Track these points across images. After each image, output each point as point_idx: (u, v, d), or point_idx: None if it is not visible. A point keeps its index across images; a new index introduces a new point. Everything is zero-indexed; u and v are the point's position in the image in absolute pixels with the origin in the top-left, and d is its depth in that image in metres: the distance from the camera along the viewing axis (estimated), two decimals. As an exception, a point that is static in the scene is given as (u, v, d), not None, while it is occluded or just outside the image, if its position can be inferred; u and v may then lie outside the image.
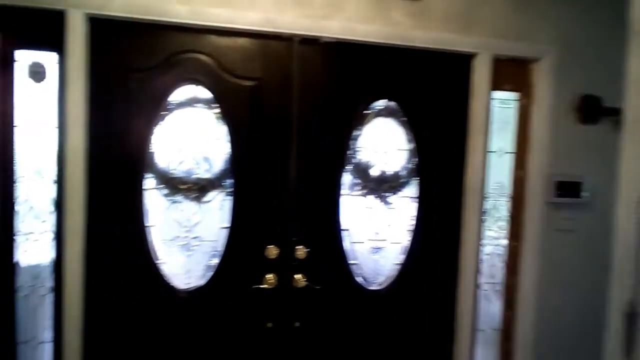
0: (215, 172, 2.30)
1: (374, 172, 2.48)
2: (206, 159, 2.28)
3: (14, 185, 2.10)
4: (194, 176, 2.27)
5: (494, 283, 2.67)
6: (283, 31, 2.26)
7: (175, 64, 2.21)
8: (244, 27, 2.21)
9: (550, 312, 2.65)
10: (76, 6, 2.05)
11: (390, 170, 2.50)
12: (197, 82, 2.24)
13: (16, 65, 2.09)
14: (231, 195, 2.31)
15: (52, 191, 2.13)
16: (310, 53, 2.33)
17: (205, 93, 2.26)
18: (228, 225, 2.31)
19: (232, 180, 2.30)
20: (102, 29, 2.13)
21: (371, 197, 2.49)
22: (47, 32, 2.07)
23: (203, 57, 2.24)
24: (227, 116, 2.28)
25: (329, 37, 2.31)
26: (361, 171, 2.47)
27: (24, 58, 2.10)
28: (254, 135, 2.30)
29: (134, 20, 2.13)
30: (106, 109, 2.15)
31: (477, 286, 2.59)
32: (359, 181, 2.47)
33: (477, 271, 2.59)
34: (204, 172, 2.28)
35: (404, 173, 2.51)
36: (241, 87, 2.28)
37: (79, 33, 2.06)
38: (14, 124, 2.09)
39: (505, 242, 2.66)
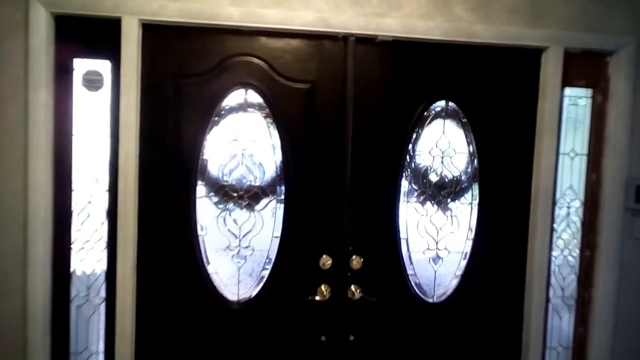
0: (267, 179, 2.22)
1: (433, 177, 2.34)
2: (258, 166, 2.21)
3: (71, 193, 2.10)
4: (246, 183, 2.20)
5: (565, 297, 2.47)
6: (338, 31, 2.15)
7: (228, 68, 2.15)
8: (298, 27, 2.12)
9: (628, 329, 2.42)
10: (131, 13, 2.03)
11: (450, 175, 2.34)
12: (249, 86, 2.18)
13: (74, 75, 2.08)
14: (283, 203, 2.22)
15: (105, 200, 2.11)
16: (366, 53, 2.22)
17: (257, 97, 2.19)
18: (280, 234, 2.22)
19: (284, 188, 2.22)
20: (155, 35, 2.09)
21: (430, 204, 2.34)
22: (103, 40, 2.06)
23: (256, 60, 2.17)
24: (280, 121, 2.20)
25: (385, 36, 2.19)
26: (420, 176, 2.33)
27: (81, 67, 2.09)
28: (308, 141, 2.21)
29: (187, 25, 2.08)
30: (158, 116, 2.12)
31: (546, 300, 2.40)
32: (417, 187, 2.33)
33: (547, 283, 2.39)
34: (255, 180, 2.21)
35: (465, 178, 2.35)
36: (294, 90, 2.20)
37: (133, 40, 2.04)
38: (72, 133, 2.08)
39: (577, 251, 2.45)
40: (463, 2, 2.21)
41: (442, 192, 2.35)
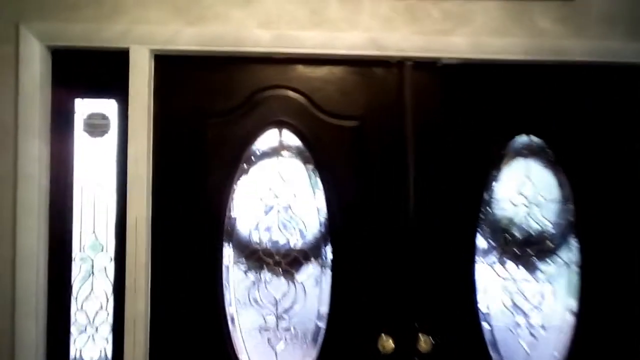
0: (309, 239, 1.78)
1: (516, 231, 1.85)
2: (298, 223, 1.78)
3: (71, 263, 1.70)
4: (284, 246, 1.77)
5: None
6: (391, 54, 1.75)
7: (258, 104, 1.76)
8: (342, 52, 1.74)
9: None
10: (141, 42, 1.68)
11: (538, 228, 1.85)
12: (285, 125, 1.78)
13: (77, 118, 1.73)
14: (330, 269, 1.77)
15: (111, 270, 1.70)
16: (427, 80, 1.80)
17: (295, 139, 1.78)
18: (327, 308, 1.76)
19: (331, 250, 1.77)
20: (169, 68, 1.74)
21: (514, 265, 1.85)
22: (108, 76, 1.73)
23: (291, 94, 1.77)
24: (323, 167, 1.77)
25: (450, 58, 1.77)
26: (499, 231, 1.85)
27: (83, 109, 1.73)
28: (358, 190, 1.78)
29: (207, 54, 1.72)
30: (175, 166, 1.73)
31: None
32: (496, 244, 1.85)
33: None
34: (295, 241, 1.77)
35: (558, 231, 1.85)
36: (340, 128, 1.78)
37: (143, 74, 1.68)
38: (73, 189, 1.71)
39: None
40: (548, 11, 1.78)
41: (529, 250, 1.85)
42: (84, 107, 1.73)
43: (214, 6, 1.71)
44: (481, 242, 1.83)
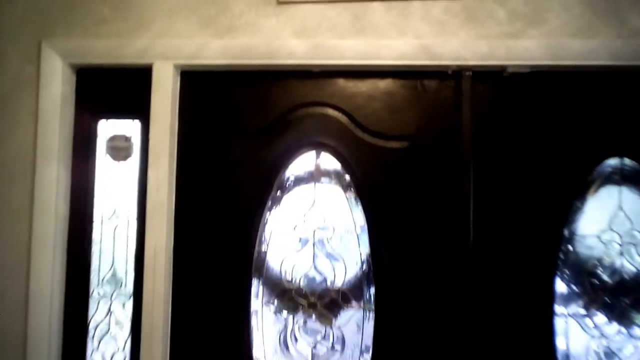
0: (350, 278, 1.54)
1: (606, 274, 1.50)
2: (337, 259, 1.54)
3: (88, 300, 1.56)
4: (320, 285, 1.54)
5: None
6: (447, 63, 1.49)
7: (292, 124, 1.56)
8: (389, 62, 1.50)
9: None
10: (165, 58, 1.53)
11: (633, 271, 1.49)
12: (323, 147, 1.56)
13: (99, 140, 1.60)
14: (374, 313, 1.51)
15: (129, 309, 1.54)
16: (490, 93, 1.52)
17: (334, 162, 1.56)
18: (370, 358, 1.49)
19: (374, 290, 1.51)
20: (195, 84, 1.58)
21: (605, 318, 1.49)
22: (132, 95, 1.59)
23: (330, 112, 1.55)
24: (367, 194, 1.53)
25: (519, 66, 1.48)
26: (585, 274, 1.51)
27: (106, 130, 1.61)
28: (407, 221, 1.51)
29: (235, 69, 1.55)
30: (200, 192, 1.56)
31: None
32: (581, 290, 1.51)
33: None
34: (333, 280, 1.53)
35: (661, 276, 1.48)
36: (386, 151, 1.53)
37: (166, 91, 1.53)
38: (93, 218, 1.57)
39: None
40: (644, 6, 1.45)
41: (625, 300, 1.49)
42: (107, 129, 1.61)
43: (244, 15, 1.53)
44: (561, 287, 1.50)
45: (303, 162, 1.57)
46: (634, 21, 1.45)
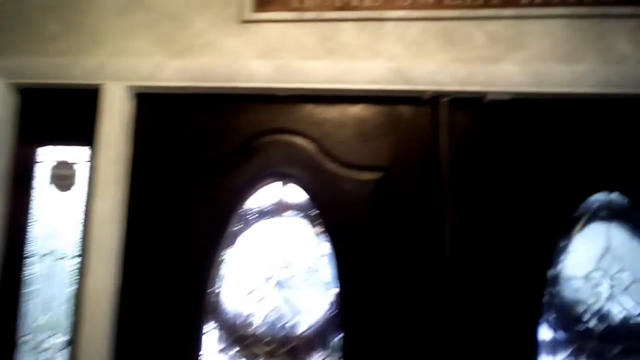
0: (315, 323, 1.40)
1: (594, 320, 1.38)
2: (300, 302, 1.40)
3: (14, 350, 1.39)
4: (281, 331, 1.39)
5: None
6: (423, 88, 1.38)
7: (256, 152, 1.43)
8: (361, 86, 1.39)
9: None
10: (116, 78, 1.40)
11: (627, 315, 1.37)
12: (288, 177, 1.44)
13: (38, 168, 1.45)
14: (342, 361, 1.36)
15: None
16: (469, 120, 1.42)
17: (300, 194, 1.43)
18: (339, 415, 1.35)
19: (342, 338, 1.37)
20: (150, 108, 1.46)
21: (593, 367, 1.37)
22: (79, 119, 1.45)
23: (297, 140, 1.44)
24: (335, 230, 1.40)
25: (500, 92, 1.38)
26: (571, 319, 1.38)
27: (50, 158, 1.46)
28: (379, 261, 1.38)
29: (194, 92, 1.43)
30: (150, 225, 1.42)
31: None
32: (567, 337, 1.38)
33: None
34: (296, 325, 1.39)
35: (654, 322, 1.36)
36: (357, 182, 1.41)
37: (116, 114, 1.40)
38: (26, 254, 1.42)
39: None
40: (630, 32, 1.35)
41: (615, 348, 1.36)
42: (51, 156, 1.46)
43: (205, 34, 1.42)
44: (546, 334, 1.37)
45: (266, 195, 1.45)
46: (622, 46, 1.36)
